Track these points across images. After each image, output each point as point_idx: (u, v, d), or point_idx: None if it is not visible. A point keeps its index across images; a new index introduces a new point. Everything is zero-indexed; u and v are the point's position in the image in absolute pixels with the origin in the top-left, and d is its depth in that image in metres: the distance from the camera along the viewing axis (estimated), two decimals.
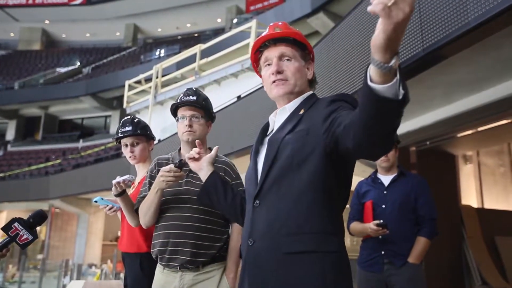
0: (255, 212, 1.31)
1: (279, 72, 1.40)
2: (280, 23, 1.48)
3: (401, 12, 0.85)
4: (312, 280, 1.20)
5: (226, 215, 1.87)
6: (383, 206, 2.83)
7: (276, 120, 1.46)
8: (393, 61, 0.92)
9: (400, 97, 0.94)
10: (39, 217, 1.58)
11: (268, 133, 1.49)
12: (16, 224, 1.52)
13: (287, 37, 1.44)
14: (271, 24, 1.50)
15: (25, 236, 1.53)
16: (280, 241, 1.24)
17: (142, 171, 2.55)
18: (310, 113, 1.34)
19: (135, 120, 2.56)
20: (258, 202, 1.31)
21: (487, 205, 6.88)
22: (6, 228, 1.52)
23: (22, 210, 16.69)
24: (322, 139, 1.25)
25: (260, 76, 1.52)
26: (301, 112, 1.37)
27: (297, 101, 1.43)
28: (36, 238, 1.57)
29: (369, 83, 0.95)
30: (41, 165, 18.34)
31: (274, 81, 1.41)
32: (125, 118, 2.61)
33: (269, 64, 1.44)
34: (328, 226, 1.26)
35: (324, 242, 1.24)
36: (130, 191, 2.58)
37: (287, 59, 1.42)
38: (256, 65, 1.54)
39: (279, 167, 1.29)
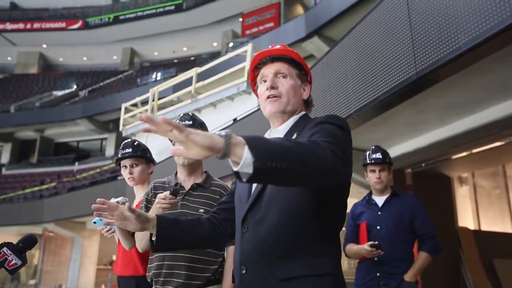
0: (244, 238, 1.30)
1: (273, 87, 1.40)
2: (279, 45, 1.50)
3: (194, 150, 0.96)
4: None
5: (201, 247, 1.82)
6: (378, 227, 2.83)
7: None
8: (222, 151, 0.96)
9: (250, 171, 0.95)
10: (29, 242, 1.55)
11: None
12: (4, 249, 1.48)
13: (284, 56, 1.45)
14: (271, 46, 1.52)
15: (14, 261, 1.49)
16: (273, 267, 1.22)
17: (140, 193, 2.55)
18: (302, 137, 1.34)
19: (135, 143, 2.60)
20: (246, 227, 1.30)
21: (483, 227, 6.86)
22: None
23: (15, 234, 16.44)
24: None
25: (257, 95, 1.53)
26: (294, 136, 1.36)
27: (289, 123, 1.42)
28: (25, 263, 1.52)
29: (234, 169, 0.97)
30: (36, 188, 18.16)
31: (268, 97, 1.41)
32: (126, 140, 2.65)
33: (265, 81, 1.45)
34: (320, 248, 1.25)
35: (317, 265, 1.22)
36: None
37: (283, 76, 1.43)
38: (253, 84, 1.55)
39: (268, 193, 1.28)
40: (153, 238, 1.40)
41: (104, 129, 22.40)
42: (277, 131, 1.42)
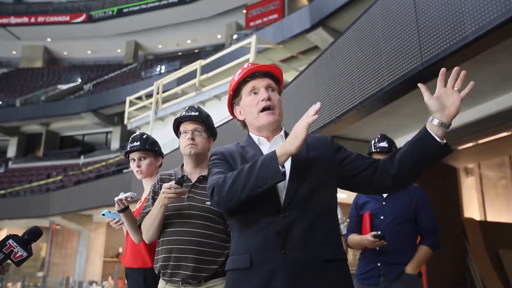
0: (284, 222, 1.42)
1: (269, 99, 1.55)
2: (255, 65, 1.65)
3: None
4: (346, 282, 1.45)
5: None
6: (382, 217, 2.81)
7: (272, 146, 1.56)
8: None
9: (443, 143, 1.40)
10: (34, 234, 1.55)
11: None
12: (10, 241, 1.49)
13: (271, 73, 1.62)
14: (249, 63, 1.66)
15: (19, 253, 1.49)
16: (316, 250, 1.41)
17: (149, 186, 2.57)
18: (311, 144, 1.53)
19: (144, 136, 2.61)
20: (286, 214, 1.43)
21: (490, 218, 6.84)
22: (0, 245, 1.48)
23: (22, 227, 16.57)
24: (336, 167, 1.52)
25: (230, 106, 1.68)
26: None
27: (282, 133, 1.60)
28: (31, 255, 1.53)
29: (438, 139, 1.40)
30: (42, 182, 18.29)
31: (264, 109, 1.55)
32: (135, 134, 2.67)
33: (255, 93, 1.58)
34: (339, 236, 1.53)
35: (341, 251, 1.49)
36: (136, 206, 2.60)
37: (272, 90, 1.59)
38: (233, 95, 1.65)
39: (308, 185, 1.46)
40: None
41: (109, 123, 22.46)
42: (281, 136, 1.58)
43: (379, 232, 2.65)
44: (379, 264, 2.73)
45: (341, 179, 1.54)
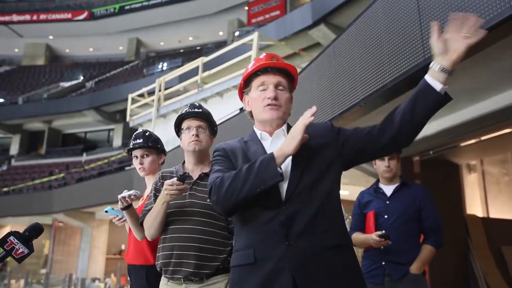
0: (287, 212, 1.42)
1: (275, 98, 1.56)
2: (275, 58, 1.65)
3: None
4: (352, 268, 1.46)
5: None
6: (386, 216, 2.81)
7: (274, 140, 1.58)
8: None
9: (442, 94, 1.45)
10: (35, 231, 1.56)
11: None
12: (11, 238, 1.50)
13: (285, 69, 1.62)
14: (266, 54, 1.66)
15: (21, 250, 1.50)
16: (320, 237, 1.41)
17: (151, 183, 2.58)
18: (312, 133, 1.51)
19: (147, 133, 2.62)
20: (288, 205, 1.43)
21: (492, 215, 6.82)
22: (2, 242, 1.49)
23: (25, 224, 16.54)
24: (339, 152, 1.52)
25: (241, 96, 1.70)
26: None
27: (285, 127, 1.61)
28: (32, 252, 1.54)
29: (442, 85, 1.44)
30: (45, 179, 18.36)
31: (268, 105, 1.56)
32: (138, 131, 2.68)
33: (264, 88, 1.59)
34: (343, 224, 1.53)
35: (346, 237, 1.51)
36: (138, 203, 2.61)
37: (282, 89, 1.60)
38: (244, 84, 1.66)
39: (310, 175, 1.47)
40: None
41: (111, 120, 22.50)
42: (282, 131, 1.60)
43: (384, 232, 2.64)
44: (383, 263, 2.73)
45: (347, 159, 1.55)
